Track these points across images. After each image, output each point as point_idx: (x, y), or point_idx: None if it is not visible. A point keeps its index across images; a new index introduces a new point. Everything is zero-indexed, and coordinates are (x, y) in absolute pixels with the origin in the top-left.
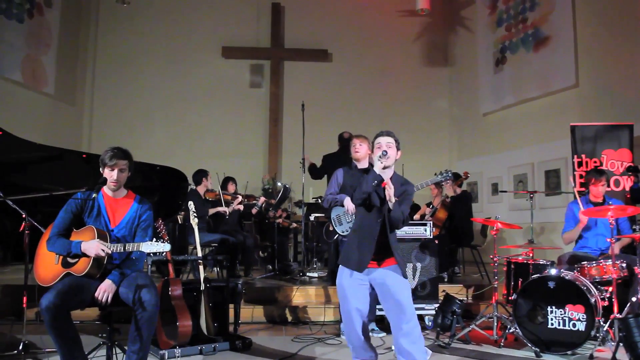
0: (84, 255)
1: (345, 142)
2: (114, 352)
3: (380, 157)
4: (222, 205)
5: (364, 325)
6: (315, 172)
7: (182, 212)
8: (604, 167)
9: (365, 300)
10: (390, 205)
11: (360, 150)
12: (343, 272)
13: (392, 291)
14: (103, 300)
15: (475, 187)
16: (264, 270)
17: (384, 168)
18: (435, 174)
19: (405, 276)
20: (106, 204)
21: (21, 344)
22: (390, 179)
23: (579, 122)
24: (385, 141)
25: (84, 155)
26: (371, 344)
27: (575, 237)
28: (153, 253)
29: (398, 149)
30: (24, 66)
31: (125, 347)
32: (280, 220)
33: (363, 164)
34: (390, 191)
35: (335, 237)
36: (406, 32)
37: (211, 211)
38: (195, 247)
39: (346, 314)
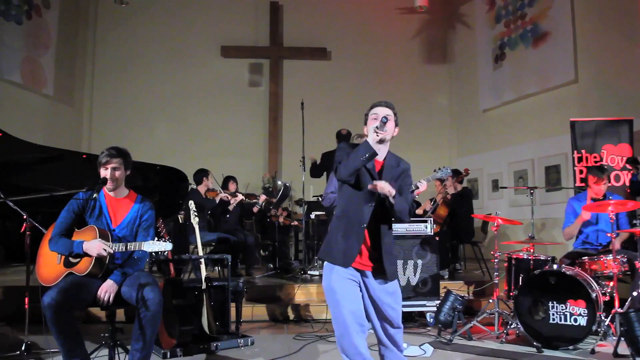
0: (86, 254)
1: (343, 138)
2: (116, 352)
3: (377, 127)
4: (224, 205)
5: (362, 334)
6: (315, 171)
7: (183, 212)
8: (604, 163)
9: (360, 302)
10: (392, 200)
11: None
12: (330, 273)
13: (386, 313)
14: (105, 300)
15: (475, 183)
16: (265, 269)
17: (380, 142)
18: (435, 170)
19: (394, 278)
20: (107, 204)
21: (24, 344)
22: (385, 159)
23: (579, 117)
24: (383, 112)
25: (84, 156)
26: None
27: (575, 232)
28: (155, 252)
29: (396, 124)
30: (23, 68)
31: (128, 347)
32: (281, 219)
33: None
34: (385, 188)
35: None
36: (405, 29)
37: (217, 198)
38: (196, 247)
39: (340, 323)
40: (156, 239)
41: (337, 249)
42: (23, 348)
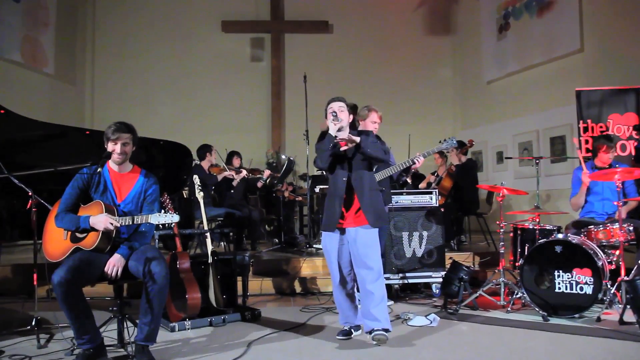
0: (93, 229)
1: (352, 109)
2: (125, 326)
3: (333, 120)
4: (228, 181)
5: (350, 287)
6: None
7: (187, 188)
8: (610, 132)
9: (348, 260)
10: (362, 148)
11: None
12: (325, 237)
13: (360, 251)
14: (113, 274)
15: (480, 156)
16: (271, 243)
17: (339, 130)
18: (440, 142)
19: (378, 226)
20: (112, 179)
21: (34, 319)
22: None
23: (585, 87)
24: (337, 106)
25: (87, 132)
26: (356, 306)
27: (581, 201)
28: (162, 225)
29: (350, 113)
30: (23, 46)
31: (137, 321)
32: (286, 194)
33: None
34: (347, 137)
35: None
36: (407, 0)
37: (219, 177)
38: (201, 222)
39: (333, 277)
40: (162, 211)
41: (325, 218)
42: (33, 323)
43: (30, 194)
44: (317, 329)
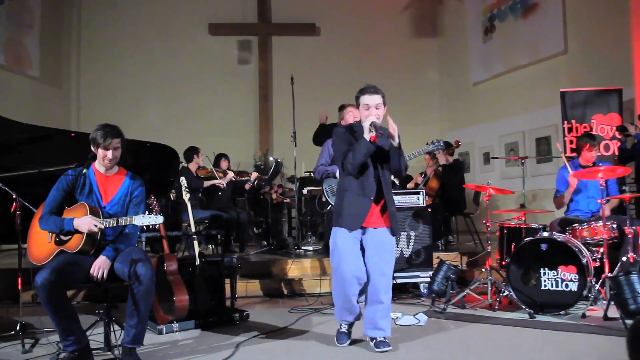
0: (77, 231)
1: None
2: (112, 329)
3: (370, 129)
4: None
5: (355, 286)
6: (319, 136)
7: (175, 190)
8: (594, 132)
9: (360, 260)
10: (396, 145)
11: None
12: (337, 232)
13: (382, 256)
14: (98, 276)
15: (467, 157)
16: (259, 246)
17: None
18: (427, 143)
19: (395, 234)
20: (97, 181)
21: (18, 324)
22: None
23: (569, 88)
24: (374, 102)
25: (73, 134)
26: (356, 305)
27: (566, 202)
28: (146, 226)
29: (384, 104)
30: (6, 49)
31: (124, 324)
32: (274, 195)
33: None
34: (396, 129)
35: (328, 208)
36: (394, 3)
37: (206, 183)
38: (189, 224)
39: (340, 274)
40: (147, 212)
41: (349, 216)
42: (18, 328)
43: (14, 196)
44: (305, 330)
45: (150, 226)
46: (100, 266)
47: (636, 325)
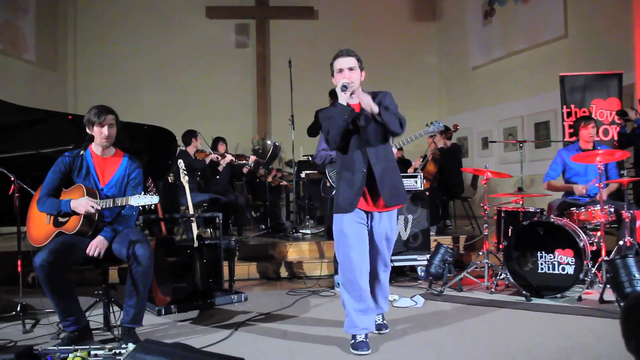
0: (74, 213)
1: (336, 96)
2: (111, 310)
3: (342, 89)
4: (214, 166)
5: (366, 272)
6: (312, 129)
7: (172, 173)
8: (593, 117)
9: (367, 244)
10: (376, 115)
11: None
12: (342, 219)
13: (379, 239)
14: (95, 255)
15: (465, 142)
16: (257, 229)
17: (351, 95)
18: (427, 125)
19: (392, 204)
20: (95, 163)
21: (19, 305)
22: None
23: (568, 72)
24: (346, 64)
25: (70, 117)
26: (371, 298)
27: (558, 190)
28: (143, 207)
29: (362, 69)
30: (2, 33)
31: (123, 304)
32: (269, 178)
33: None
34: (365, 100)
35: (333, 193)
36: None
37: (207, 160)
38: (187, 208)
39: (347, 261)
40: (143, 193)
41: (343, 198)
42: (18, 309)
43: (12, 179)
44: (303, 312)
45: (147, 207)
46: (97, 245)
47: (630, 303)
